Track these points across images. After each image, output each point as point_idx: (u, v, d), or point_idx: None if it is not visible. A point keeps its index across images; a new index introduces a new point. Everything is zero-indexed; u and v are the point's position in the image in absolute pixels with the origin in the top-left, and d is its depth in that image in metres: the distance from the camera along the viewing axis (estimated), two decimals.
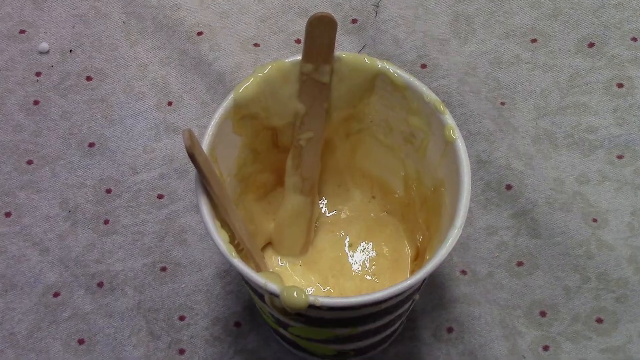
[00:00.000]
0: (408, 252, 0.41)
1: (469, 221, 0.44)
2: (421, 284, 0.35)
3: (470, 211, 0.44)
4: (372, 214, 0.42)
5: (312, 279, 0.40)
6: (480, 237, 0.44)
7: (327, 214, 0.43)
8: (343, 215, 0.42)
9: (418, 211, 0.40)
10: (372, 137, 0.40)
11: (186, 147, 0.31)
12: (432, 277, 0.42)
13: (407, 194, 0.41)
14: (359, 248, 0.41)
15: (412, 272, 0.40)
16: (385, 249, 0.41)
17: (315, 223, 0.42)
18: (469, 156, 0.35)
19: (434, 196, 0.38)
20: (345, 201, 0.43)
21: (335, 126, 0.40)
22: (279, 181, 0.41)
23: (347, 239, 0.42)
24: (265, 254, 0.41)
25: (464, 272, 0.43)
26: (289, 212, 0.41)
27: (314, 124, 0.38)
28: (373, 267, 0.41)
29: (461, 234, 0.33)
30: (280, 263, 0.41)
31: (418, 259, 0.40)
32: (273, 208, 0.41)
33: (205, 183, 0.33)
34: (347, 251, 0.41)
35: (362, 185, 0.43)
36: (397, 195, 0.42)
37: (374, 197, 0.43)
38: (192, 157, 0.31)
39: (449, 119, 0.35)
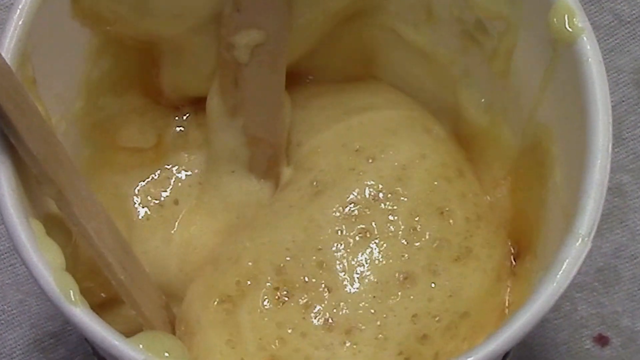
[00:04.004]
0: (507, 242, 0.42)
1: (616, 218, 0.47)
2: None
3: (620, 193, 0.48)
4: (418, 127, 0.43)
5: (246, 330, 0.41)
6: None
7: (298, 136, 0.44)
8: (349, 126, 0.44)
9: (492, 192, 0.43)
10: (390, 32, 0.44)
11: None
12: (527, 347, 0.46)
13: (471, 155, 0.45)
14: (379, 223, 0.42)
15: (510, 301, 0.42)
16: (450, 228, 0.42)
17: None
18: (620, 74, 0.38)
19: (528, 163, 0.41)
20: (354, 95, 0.45)
21: (312, 22, 0.43)
22: (196, 136, 0.45)
23: (351, 197, 0.42)
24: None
25: (601, 340, 0.47)
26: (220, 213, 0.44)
27: (265, 15, 0.41)
28: (423, 281, 0.41)
29: (591, 248, 0.35)
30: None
31: (522, 257, 0.42)
32: (181, 196, 0.45)
33: (8, 132, 0.36)
34: (346, 238, 0.42)
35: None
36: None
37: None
38: None
39: None
